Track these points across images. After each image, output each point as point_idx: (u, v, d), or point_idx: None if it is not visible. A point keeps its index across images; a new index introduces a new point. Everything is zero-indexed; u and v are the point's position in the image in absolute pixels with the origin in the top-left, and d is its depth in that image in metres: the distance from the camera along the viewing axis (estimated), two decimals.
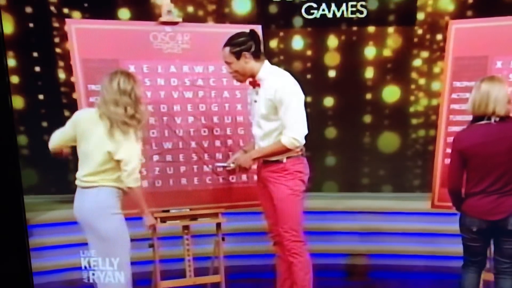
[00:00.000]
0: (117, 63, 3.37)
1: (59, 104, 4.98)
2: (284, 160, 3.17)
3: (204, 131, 3.61)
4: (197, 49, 3.55)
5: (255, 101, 3.20)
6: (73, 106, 3.45)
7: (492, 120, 2.95)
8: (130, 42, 3.45)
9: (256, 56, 3.14)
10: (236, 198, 3.66)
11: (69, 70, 4.74)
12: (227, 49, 3.12)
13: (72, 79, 3.41)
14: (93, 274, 2.88)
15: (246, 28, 3.19)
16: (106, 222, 2.95)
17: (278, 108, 3.09)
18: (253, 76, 3.17)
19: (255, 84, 3.18)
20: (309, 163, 3.29)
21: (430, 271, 4.55)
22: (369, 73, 5.22)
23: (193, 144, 3.58)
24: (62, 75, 5.03)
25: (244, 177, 3.66)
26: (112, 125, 2.92)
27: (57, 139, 3.03)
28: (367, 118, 5.33)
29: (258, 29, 3.38)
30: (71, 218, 3.61)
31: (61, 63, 5.02)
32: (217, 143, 3.64)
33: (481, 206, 3.00)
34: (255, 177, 3.58)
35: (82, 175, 2.99)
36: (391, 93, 5.24)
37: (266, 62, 3.20)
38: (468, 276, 3.17)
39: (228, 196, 3.64)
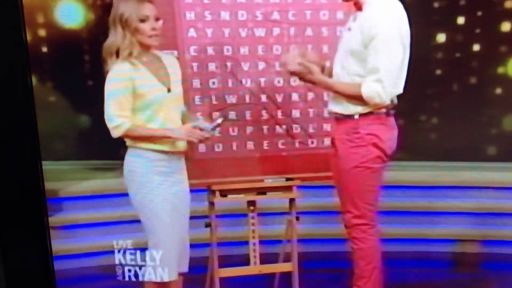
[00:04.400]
0: None
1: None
2: (356, 117, 3.05)
3: (279, 82, 3.51)
4: None
5: (349, 29, 3.07)
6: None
7: None
8: None
9: None
10: (315, 168, 3.57)
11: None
12: None
13: None
14: (129, 271, 2.86)
15: None
16: None
17: (367, 47, 2.96)
18: None
19: (356, 6, 3.04)
20: (408, 122, 3.21)
21: None
22: None
23: (263, 98, 3.50)
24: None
25: (327, 141, 3.52)
26: None
27: None
28: (491, 64, 5.12)
29: None
30: (110, 190, 3.74)
31: None
32: (294, 96, 3.53)
33: None
34: None
35: None
36: None
37: None
38: None
39: (306, 165, 3.56)
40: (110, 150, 4.48)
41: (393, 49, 2.97)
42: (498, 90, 5.20)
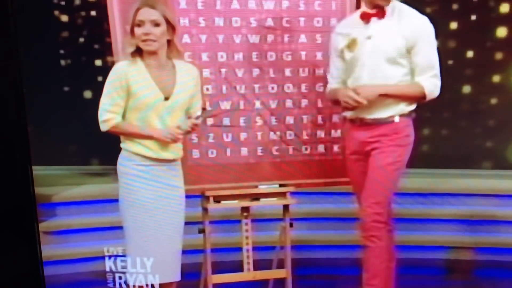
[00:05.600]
0: None
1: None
2: (397, 119, 3.15)
3: (272, 88, 3.50)
4: None
5: (369, 38, 3.09)
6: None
7: None
8: None
9: None
10: (309, 175, 3.58)
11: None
12: None
13: None
14: (120, 278, 2.84)
15: None
16: None
17: (413, 48, 3.08)
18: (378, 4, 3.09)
19: (378, 14, 3.10)
20: None
21: None
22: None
23: (257, 104, 3.49)
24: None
25: (321, 148, 3.57)
26: None
27: None
28: (490, 72, 5.09)
29: None
30: (103, 195, 3.74)
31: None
32: (288, 103, 3.53)
33: None
34: (335, 148, 3.55)
35: None
36: None
37: None
38: None
39: (300, 172, 3.56)
40: (103, 155, 4.47)
41: (435, 46, 3.16)
42: (492, 98, 5.16)
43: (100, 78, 3.97)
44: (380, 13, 3.10)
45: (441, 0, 5.09)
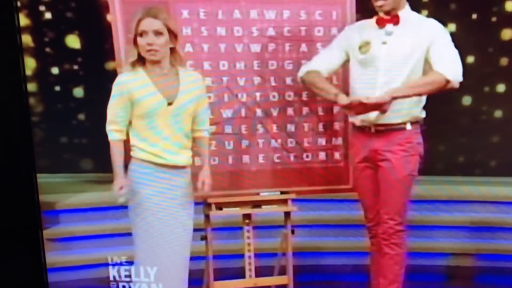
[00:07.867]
0: (167, 6, 3.26)
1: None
2: (408, 127, 3.15)
3: (274, 96, 3.52)
4: None
5: (384, 43, 3.14)
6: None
7: None
8: None
9: None
10: (311, 182, 3.60)
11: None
12: None
13: None
14: (124, 287, 2.85)
15: None
16: None
17: (432, 47, 3.10)
18: (391, 9, 3.15)
19: (393, 21, 3.14)
20: None
21: None
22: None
23: (259, 112, 3.51)
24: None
25: (322, 155, 3.58)
26: None
27: None
28: (493, 79, 4.97)
29: None
30: (107, 203, 3.72)
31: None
32: (290, 111, 3.54)
33: None
34: (336, 155, 3.58)
35: None
36: None
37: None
38: None
39: (301, 179, 3.57)
40: (106, 163, 4.46)
41: (451, 43, 3.15)
42: (493, 105, 5.03)
43: (103, 85, 3.94)
44: (395, 19, 3.13)
45: None
